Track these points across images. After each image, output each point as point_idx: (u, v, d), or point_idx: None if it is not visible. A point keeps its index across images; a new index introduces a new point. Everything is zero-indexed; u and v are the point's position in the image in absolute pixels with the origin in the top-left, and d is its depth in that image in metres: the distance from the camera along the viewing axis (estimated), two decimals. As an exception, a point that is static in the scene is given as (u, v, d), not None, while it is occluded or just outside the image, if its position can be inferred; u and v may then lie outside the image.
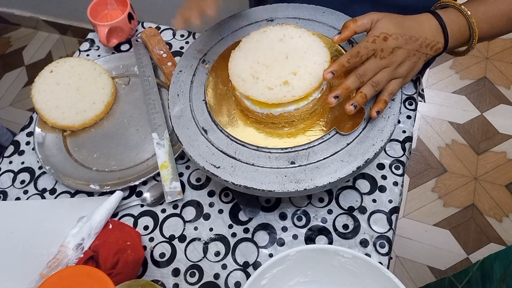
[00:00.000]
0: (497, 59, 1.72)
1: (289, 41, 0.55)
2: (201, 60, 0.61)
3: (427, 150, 1.53)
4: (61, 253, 0.53)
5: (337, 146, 0.51)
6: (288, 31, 0.56)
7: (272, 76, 0.52)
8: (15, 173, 0.68)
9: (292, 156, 0.51)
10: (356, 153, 0.50)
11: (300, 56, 0.54)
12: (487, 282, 0.71)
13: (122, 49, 0.81)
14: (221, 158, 0.52)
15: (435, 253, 1.33)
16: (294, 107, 0.52)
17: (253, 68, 0.53)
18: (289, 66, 0.53)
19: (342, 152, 0.50)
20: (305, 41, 0.55)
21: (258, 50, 0.55)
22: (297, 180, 0.49)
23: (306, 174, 0.49)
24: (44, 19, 1.95)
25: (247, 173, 0.50)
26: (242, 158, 0.51)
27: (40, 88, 0.70)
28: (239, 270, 0.56)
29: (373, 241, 0.56)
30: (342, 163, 0.49)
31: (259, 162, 0.51)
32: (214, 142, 0.53)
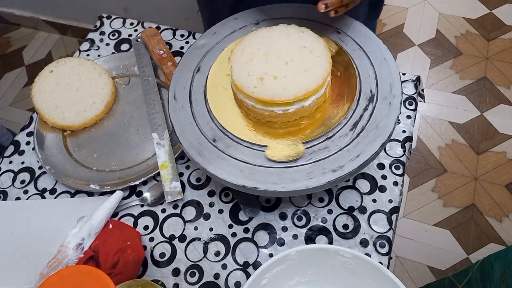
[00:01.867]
0: (497, 59, 1.72)
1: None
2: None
3: (427, 150, 1.53)
4: (61, 253, 0.53)
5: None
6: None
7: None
8: (15, 173, 0.68)
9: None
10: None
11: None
12: (487, 282, 0.72)
13: (122, 49, 0.81)
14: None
15: (435, 253, 1.33)
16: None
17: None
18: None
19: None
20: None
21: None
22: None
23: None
24: (44, 19, 1.95)
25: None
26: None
27: (40, 88, 0.70)
28: (239, 270, 0.56)
29: (373, 241, 0.56)
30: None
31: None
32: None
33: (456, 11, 1.87)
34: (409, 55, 1.77)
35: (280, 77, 0.52)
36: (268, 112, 0.53)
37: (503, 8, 1.86)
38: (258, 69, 0.53)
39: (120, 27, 0.84)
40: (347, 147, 0.51)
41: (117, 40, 0.82)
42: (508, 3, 1.87)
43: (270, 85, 0.52)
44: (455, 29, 1.82)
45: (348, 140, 0.51)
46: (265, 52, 0.55)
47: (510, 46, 1.75)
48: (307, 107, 0.53)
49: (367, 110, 0.53)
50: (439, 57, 1.75)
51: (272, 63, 0.53)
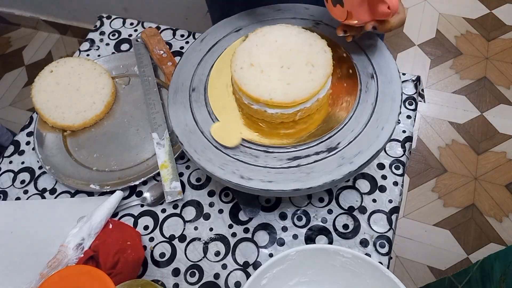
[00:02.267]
0: (497, 59, 1.72)
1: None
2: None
3: (427, 150, 1.53)
4: (61, 253, 0.53)
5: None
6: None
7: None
8: (15, 173, 0.68)
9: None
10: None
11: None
12: (487, 282, 0.72)
13: (122, 49, 0.81)
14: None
15: (435, 253, 1.33)
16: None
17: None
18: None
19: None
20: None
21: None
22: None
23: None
24: (44, 19, 1.95)
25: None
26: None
27: (40, 88, 0.70)
28: (239, 270, 0.56)
29: (373, 241, 0.56)
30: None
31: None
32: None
33: (456, 11, 1.87)
34: (409, 55, 1.77)
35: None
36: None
37: (503, 8, 1.86)
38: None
39: (120, 27, 0.84)
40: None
41: (117, 40, 0.82)
42: (508, 3, 1.87)
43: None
44: (455, 29, 1.82)
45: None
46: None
47: (510, 46, 1.75)
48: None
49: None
50: (439, 57, 1.75)
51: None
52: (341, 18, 0.52)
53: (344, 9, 0.50)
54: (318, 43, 0.54)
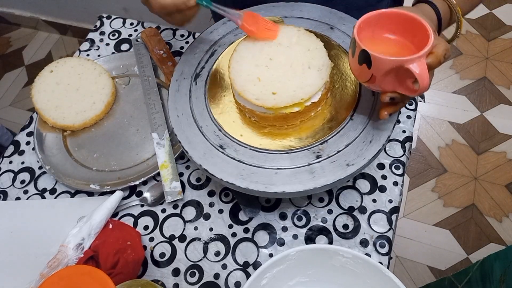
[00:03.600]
0: (497, 59, 1.72)
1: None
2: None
3: (427, 150, 1.53)
4: (61, 253, 0.53)
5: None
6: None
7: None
8: (15, 173, 0.68)
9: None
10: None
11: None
12: (487, 282, 0.72)
13: (122, 49, 0.81)
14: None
15: (435, 253, 1.33)
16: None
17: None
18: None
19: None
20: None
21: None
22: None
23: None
24: (44, 19, 1.95)
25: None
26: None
27: (40, 88, 0.70)
28: (239, 270, 0.56)
29: (373, 241, 0.56)
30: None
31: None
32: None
33: (456, 11, 1.87)
34: (409, 55, 1.77)
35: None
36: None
37: (503, 8, 1.86)
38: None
39: (120, 27, 0.84)
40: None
41: (117, 40, 0.82)
42: (508, 3, 1.87)
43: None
44: (455, 29, 1.82)
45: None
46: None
47: (510, 46, 1.75)
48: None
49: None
50: (439, 57, 1.75)
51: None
52: (362, 79, 0.48)
53: (370, 71, 0.45)
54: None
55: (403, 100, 0.48)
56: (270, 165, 0.51)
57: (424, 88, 0.43)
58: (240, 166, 0.51)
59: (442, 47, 0.44)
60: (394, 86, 0.46)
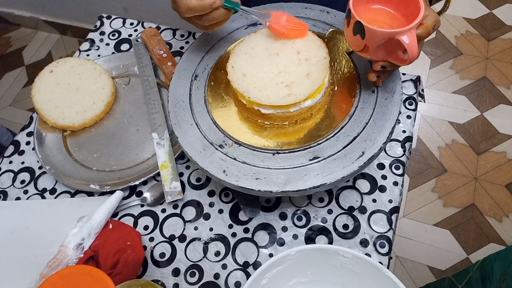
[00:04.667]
0: (497, 59, 1.72)
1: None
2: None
3: (427, 150, 1.53)
4: (61, 253, 0.53)
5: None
6: None
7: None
8: (15, 173, 0.68)
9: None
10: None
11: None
12: (487, 282, 0.72)
13: (122, 49, 0.81)
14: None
15: (435, 253, 1.33)
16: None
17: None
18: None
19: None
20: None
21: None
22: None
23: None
24: (44, 19, 1.95)
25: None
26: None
27: (40, 88, 0.70)
28: (239, 270, 0.56)
29: (373, 241, 0.56)
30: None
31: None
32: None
33: (456, 11, 1.87)
34: (409, 55, 1.77)
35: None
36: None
37: (503, 8, 1.86)
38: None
39: (120, 27, 0.84)
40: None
41: (117, 40, 0.82)
42: (508, 3, 1.87)
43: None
44: (455, 29, 1.82)
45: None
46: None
47: (510, 46, 1.75)
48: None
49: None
50: (439, 57, 1.75)
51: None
52: (356, 48, 0.50)
53: (363, 41, 0.47)
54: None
55: (393, 68, 0.51)
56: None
57: (413, 58, 0.45)
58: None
59: (432, 19, 0.46)
60: (385, 55, 0.48)
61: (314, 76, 0.52)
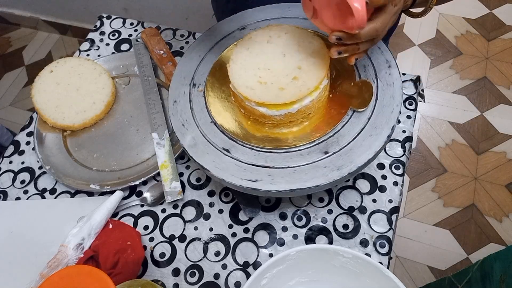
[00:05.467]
0: (497, 59, 1.72)
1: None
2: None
3: (427, 150, 1.53)
4: (61, 253, 0.53)
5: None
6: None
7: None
8: (15, 173, 0.68)
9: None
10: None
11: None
12: (487, 282, 0.72)
13: (122, 49, 0.81)
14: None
15: (435, 253, 1.33)
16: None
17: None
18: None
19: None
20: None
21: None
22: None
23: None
24: (44, 19, 1.95)
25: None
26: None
27: (40, 88, 0.70)
28: (239, 270, 0.56)
29: (373, 241, 0.56)
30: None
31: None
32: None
33: (456, 11, 1.87)
34: (409, 55, 1.77)
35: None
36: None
37: (503, 8, 1.86)
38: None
39: (120, 27, 0.84)
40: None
41: (117, 40, 0.82)
42: (508, 3, 1.87)
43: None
44: (455, 29, 1.82)
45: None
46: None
47: (510, 46, 1.75)
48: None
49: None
50: (439, 57, 1.75)
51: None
52: (308, 14, 0.48)
53: (311, 4, 0.45)
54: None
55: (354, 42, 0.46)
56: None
57: (360, 21, 0.41)
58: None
59: None
60: (336, 23, 0.45)
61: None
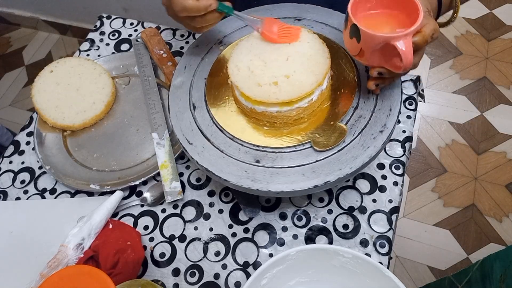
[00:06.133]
0: (497, 59, 1.72)
1: (297, 43, 0.55)
2: (219, 41, 0.63)
3: (427, 150, 1.53)
4: (61, 253, 0.53)
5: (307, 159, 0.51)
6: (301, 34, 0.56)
7: (266, 74, 0.52)
8: (15, 173, 0.68)
9: (260, 155, 0.52)
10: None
11: (300, 61, 0.53)
12: (487, 282, 0.72)
13: (122, 49, 0.81)
14: (196, 136, 0.54)
15: (435, 253, 1.33)
16: (276, 109, 0.52)
17: (252, 61, 0.53)
18: (285, 68, 0.52)
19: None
20: (312, 48, 0.54)
21: (264, 45, 0.55)
22: (254, 179, 0.50)
23: (265, 176, 0.50)
24: (44, 19, 1.95)
25: (213, 157, 0.52)
26: (214, 142, 0.53)
27: (40, 88, 0.70)
28: (239, 270, 0.56)
29: (373, 241, 0.56)
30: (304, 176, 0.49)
31: (228, 151, 0.52)
32: (198, 120, 0.55)
33: (456, 11, 1.87)
34: (409, 55, 1.77)
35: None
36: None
37: (503, 8, 1.86)
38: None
39: (120, 27, 0.84)
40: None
41: (117, 40, 0.82)
42: (508, 3, 1.87)
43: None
44: (455, 29, 1.82)
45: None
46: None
47: (510, 46, 1.75)
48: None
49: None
50: (439, 57, 1.75)
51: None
52: (352, 52, 0.50)
53: (359, 45, 0.47)
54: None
55: (392, 76, 0.50)
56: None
57: (407, 65, 0.44)
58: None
59: (430, 27, 0.46)
60: (381, 61, 0.48)
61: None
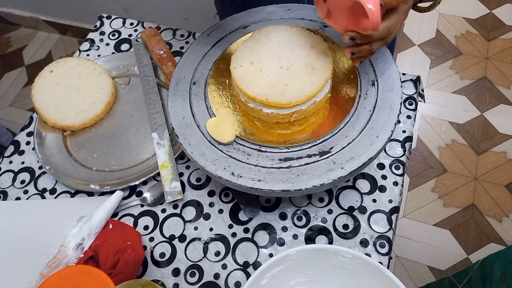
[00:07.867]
0: (497, 59, 1.72)
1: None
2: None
3: (427, 150, 1.53)
4: (61, 253, 0.53)
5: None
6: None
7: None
8: (15, 173, 0.68)
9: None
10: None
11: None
12: (487, 282, 0.72)
13: (122, 49, 0.81)
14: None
15: (435, 253, 1.33)
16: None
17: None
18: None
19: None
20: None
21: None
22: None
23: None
24: (44, 19, 1.95)
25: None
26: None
27: (40, 88, 0.70)
28: (239, 270, 0.56)
29: (373, 241, 0.56)
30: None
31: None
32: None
33: (456, 11, 1.87)
34: (409, 55, 1.77)
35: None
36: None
37: (503, 8, 1.86)
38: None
39: (120, 27, 0.84)
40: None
41: (117, 40, 0.82)
42: (508, 3, 1.87)
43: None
44: (455, 29, 1.82)
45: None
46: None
47: (510, 46, 1.75)
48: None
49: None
50: (439, 57, 1.75)
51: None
52: (321, 14, 0.49)
53: (325, 5, 0.46)
54: (320, 46, 0.54)
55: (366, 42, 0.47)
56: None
57: (375, 24, 0.42)
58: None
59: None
60: (350, 23, 0.46)
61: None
